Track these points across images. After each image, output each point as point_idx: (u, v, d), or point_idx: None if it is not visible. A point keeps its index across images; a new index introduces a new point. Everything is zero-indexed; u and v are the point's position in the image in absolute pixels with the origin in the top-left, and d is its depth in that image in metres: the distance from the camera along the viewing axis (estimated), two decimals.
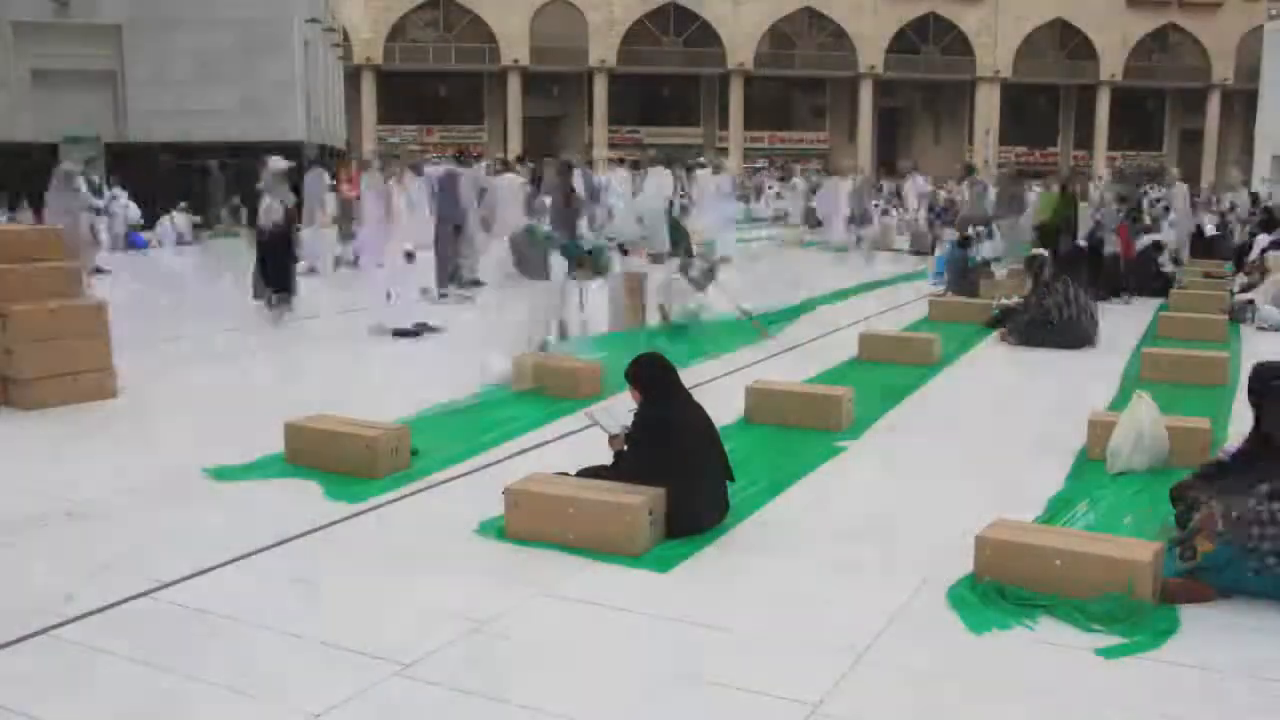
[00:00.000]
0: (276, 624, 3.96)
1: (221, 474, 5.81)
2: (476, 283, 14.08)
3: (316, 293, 13.29)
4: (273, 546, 4.78)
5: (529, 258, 11.33)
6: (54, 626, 3.90)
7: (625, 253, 11.42)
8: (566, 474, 5.23)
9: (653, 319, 10.80)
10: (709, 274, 11.05)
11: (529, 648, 3.82)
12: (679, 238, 11.72)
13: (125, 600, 4.14)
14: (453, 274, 13.67)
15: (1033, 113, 56.93)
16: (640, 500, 4.69)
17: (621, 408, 5.47)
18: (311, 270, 15.03)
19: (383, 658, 3.68)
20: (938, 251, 17.12)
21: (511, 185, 16.55)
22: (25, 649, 3.75)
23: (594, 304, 10.93)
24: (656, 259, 11.14)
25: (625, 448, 5.14)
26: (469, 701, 3.43)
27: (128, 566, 4.48)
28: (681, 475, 4.86)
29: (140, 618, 4.03)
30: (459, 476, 5.88)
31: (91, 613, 4.02)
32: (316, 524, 5.05)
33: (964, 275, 13.72)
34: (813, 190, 27.08)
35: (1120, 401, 7.97)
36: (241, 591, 4.30)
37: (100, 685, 3.52)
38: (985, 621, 4.02)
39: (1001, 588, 4.19)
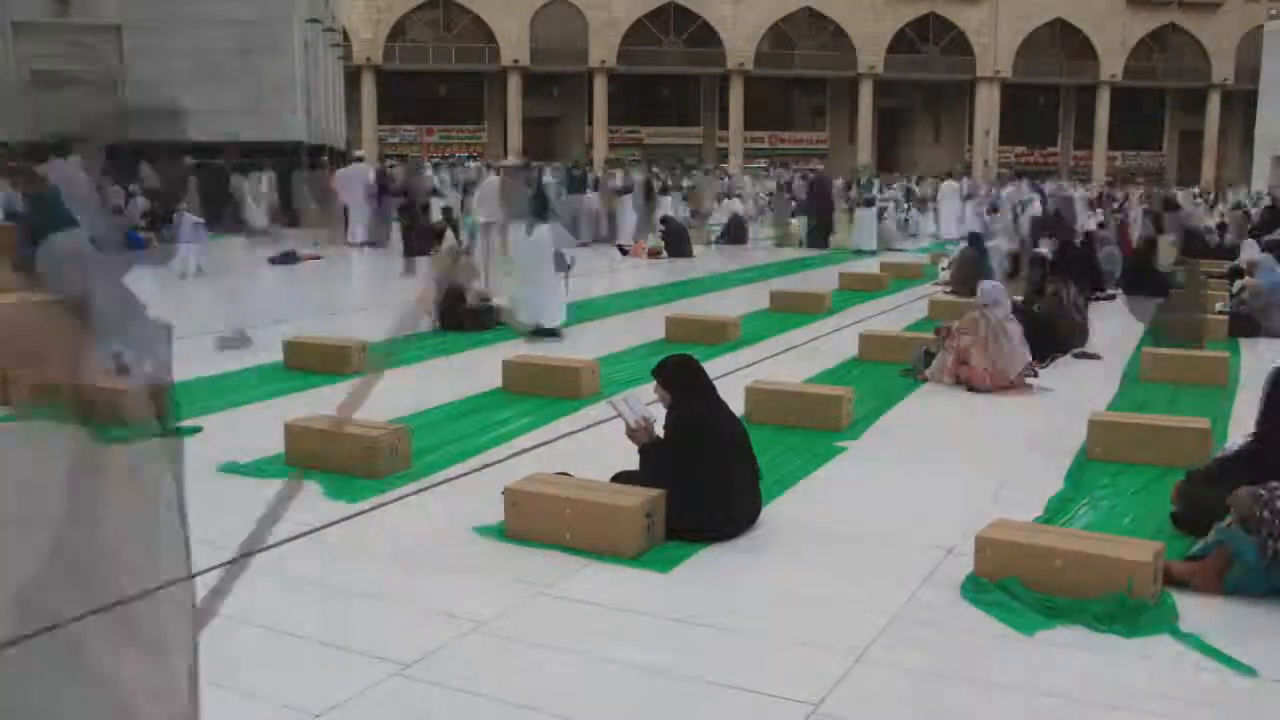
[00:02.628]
0: (276, 624, 3.95)
1: (230, 469, 5.87)
2: None
3: None
4: (273, 546, 4.77)
5: None
6: (54, 626, 3.89)
7: None
8: (567, 474, 5.23)
9: None
10: None
11: (529, 648, 3.82)
12: None
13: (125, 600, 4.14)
14: None
15: (1033, 113, 56.93)
16: (637, 502, 4.68)
17: (642, 399, 5.45)
18: None
19: (383, 658, 3.68)
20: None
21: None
22: (25, 649, 3.74)
23: None
24: None
25: (646, 440, 5.13)
26: (469, 701, 3.43)
27: None
28: (714, 476, 4.84)
29: None
30: (459, 477, 5.88)
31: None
32: (316, 524, 5.05)
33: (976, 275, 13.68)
34: None
35: (1120, 401, 7.97)
36: (241, 591, 4.29)
37: None
38: (1032, 624, 4.00)
39: (1012, 588, 4.19)
